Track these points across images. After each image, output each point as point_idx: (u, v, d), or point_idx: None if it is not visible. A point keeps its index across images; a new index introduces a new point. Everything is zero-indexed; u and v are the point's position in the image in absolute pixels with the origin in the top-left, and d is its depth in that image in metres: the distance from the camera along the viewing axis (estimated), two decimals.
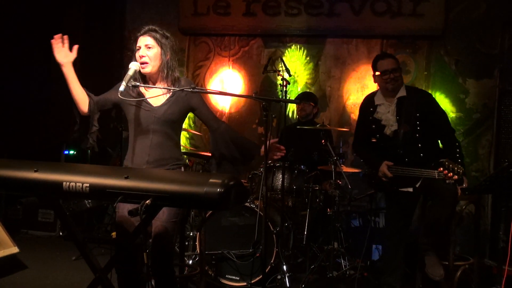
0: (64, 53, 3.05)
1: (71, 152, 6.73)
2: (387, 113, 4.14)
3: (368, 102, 4.33)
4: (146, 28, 3.17)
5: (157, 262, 3.02)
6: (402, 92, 4.14)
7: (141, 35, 3.15)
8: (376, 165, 4.11)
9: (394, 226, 4.27)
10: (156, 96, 3.15)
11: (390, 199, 4.31)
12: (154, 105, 3.15)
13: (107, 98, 3.23)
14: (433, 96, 4.33)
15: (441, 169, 3.71)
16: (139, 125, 3.16)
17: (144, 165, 3.11)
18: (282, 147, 3.20)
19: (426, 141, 4.03)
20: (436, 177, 3.79)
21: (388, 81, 4.12)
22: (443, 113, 4.19)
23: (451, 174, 3.68)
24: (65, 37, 3.06)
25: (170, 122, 3.15)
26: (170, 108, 3.14)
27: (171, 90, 3.13)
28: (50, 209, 5.96)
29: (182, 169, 3.24)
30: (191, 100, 3.20)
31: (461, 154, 3.98)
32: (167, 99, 3.16)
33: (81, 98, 3.14)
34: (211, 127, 3.27)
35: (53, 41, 3.05)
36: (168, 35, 3.20)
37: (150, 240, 3.04)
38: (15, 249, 4.58)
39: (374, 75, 4.29)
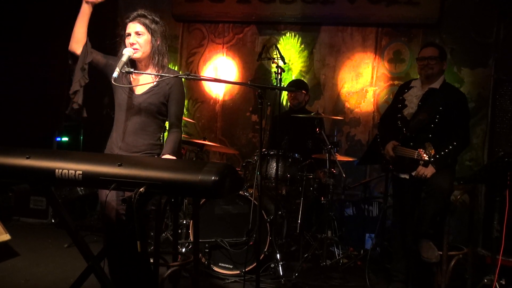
0: None
1: (64, 139, 6.69)
2: (413, 96, 4.23)
3: (407, 83, 4.46)
4: (135, 13, 3.11)
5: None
6: (436, 85, 4.19)
7: (131, 21, 3.10)
8: (384, 142, 4.22)
9: (398, 213, 4.33)
10: (142, 84, 3.12)
11: (394, 185, 4.39)
12: (136, 93, 3.13)
13: (100, 60, 3.18)
14: (466, 98, 4.34)
15: (421, 150, 3.83)
16: (120, 110, 3.16)
17: (117, 150, 3.10)
18: None
19: (438, 135, 4.04)
20: (415, 157, 3.90)
21: (422, 67, 4.23)
22: (466, 116, 4.20)
23: (424, 155, 3.79)
24: None
25: (149, 111, 3.11)
26: (150, 98, 3.11)
27: (157, 79, 3.09)
28: (42, 196, 5.92)
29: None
30: (172, 92, 3.16)
31: (451, 150, 3.96)
32: (150, 88, 3.13)
33: (79, 38, 3.08)
34: (169, 126, 3.22)
35: None
36: (158, 19, 3.15)
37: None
38: (6, 236, 4.55)
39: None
